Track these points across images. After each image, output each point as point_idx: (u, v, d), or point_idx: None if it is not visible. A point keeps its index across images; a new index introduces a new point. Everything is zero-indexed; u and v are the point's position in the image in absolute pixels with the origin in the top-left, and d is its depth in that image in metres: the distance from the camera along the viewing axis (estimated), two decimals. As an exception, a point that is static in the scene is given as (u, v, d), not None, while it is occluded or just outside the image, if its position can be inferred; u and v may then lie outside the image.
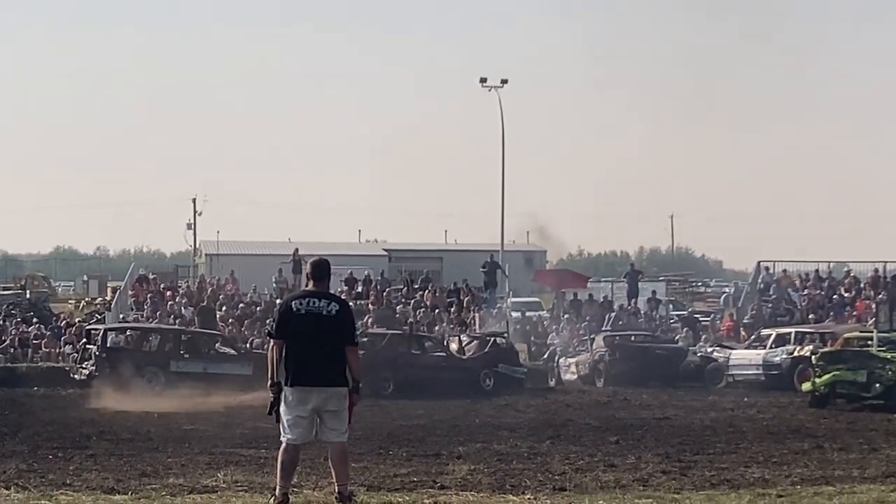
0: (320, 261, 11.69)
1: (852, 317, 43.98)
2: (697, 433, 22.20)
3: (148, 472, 15.51)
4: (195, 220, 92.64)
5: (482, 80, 59.70)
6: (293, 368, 11.20)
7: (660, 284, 59.74)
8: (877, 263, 49.15)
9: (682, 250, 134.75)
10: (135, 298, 48.15)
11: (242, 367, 33.49)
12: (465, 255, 69.94)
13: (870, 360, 29.19)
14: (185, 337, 36.43)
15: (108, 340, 34.95)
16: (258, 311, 45.26)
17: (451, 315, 46.67)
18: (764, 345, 37.33)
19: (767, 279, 49.81)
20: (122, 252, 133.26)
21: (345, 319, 11.38)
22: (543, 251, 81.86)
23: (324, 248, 61.20)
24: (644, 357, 38.95)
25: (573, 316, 46.44)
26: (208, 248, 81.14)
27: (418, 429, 23.00)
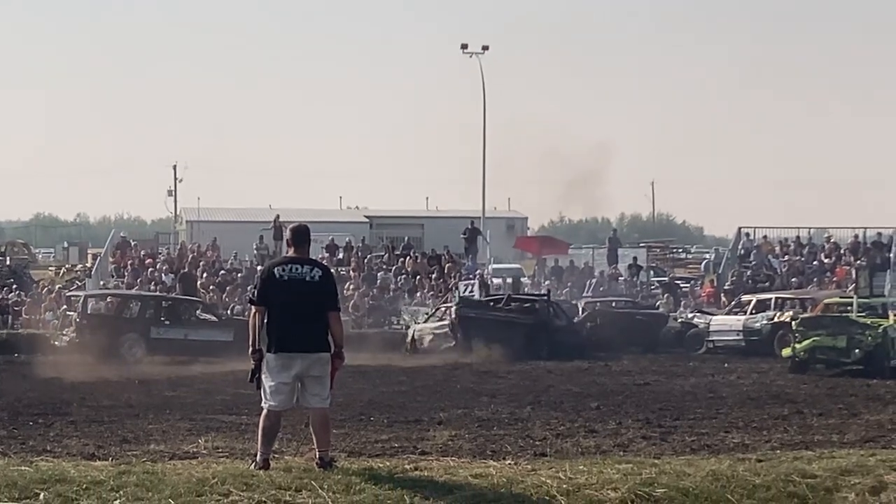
0: (300, 227, 11.65)
1: (832, 283, 44.12)
2: (678, 399, 22.26)
3: (129, 438, 15.51)
4: (175, 187, 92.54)
5: (463, 46, 59.71)
6: (276, 335, 11.16)
7: (641, 251, 59.82)
8: (857, 229, 49.27)
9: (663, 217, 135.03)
10: (115, 265, 48.08)
11: (223, 334, 33.45)
12: (447, 222, 69.90)
13: (850, 325, 29.29)
14: (165, 304, 36.38)
15: (88, 307, 34.91)
16: (239, 277, 45.25)
17: (432, 282, 46.69)
18: (744, 311, 37.44)
19: (748, 245, 49.95)
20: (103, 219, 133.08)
21: (327, 285, 11.35)
22: (525, 218, 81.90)
23: (305, 214, 61.10)
24: (625, 323, 39.02)
25: (554, 282, 46.52)
26: (189, 214, 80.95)
27: (399, 395, 23.03)
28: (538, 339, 34.82)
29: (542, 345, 34.54)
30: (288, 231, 11.72)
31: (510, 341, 34.39)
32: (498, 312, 36.42)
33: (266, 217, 56.58)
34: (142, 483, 10.00)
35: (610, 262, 50.37)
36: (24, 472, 10.35)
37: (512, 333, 34.72)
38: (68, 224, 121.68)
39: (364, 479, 10.35)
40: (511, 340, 34.44)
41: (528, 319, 35.80)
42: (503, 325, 35.20)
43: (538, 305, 37.16)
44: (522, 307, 37.06)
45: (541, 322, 35.67)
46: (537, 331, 35.14)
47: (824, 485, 10.54)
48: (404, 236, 58.61)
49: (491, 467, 11.11)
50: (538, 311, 36.54)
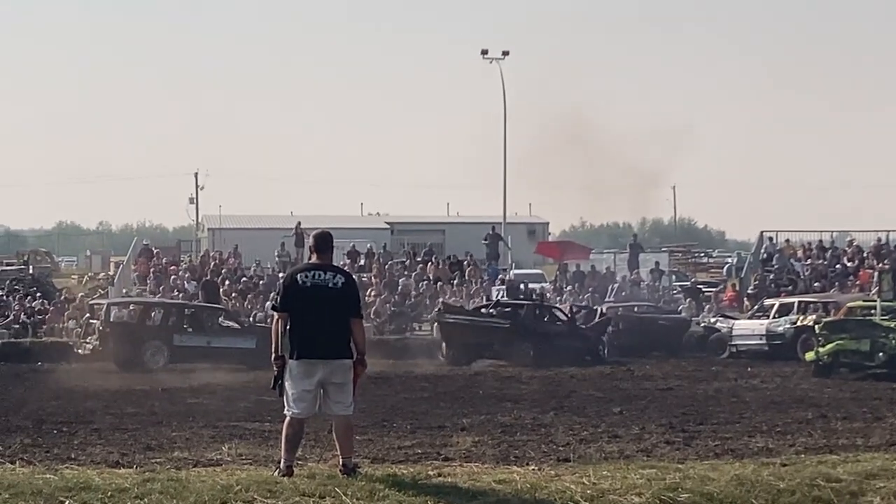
0: (323, 233, 11.66)
1: (855, 286, 43.95)
2: (701, 403, 22.22)
3: (152, 446, 15.54)
4: (197, 195, 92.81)
5: (483, 52, 59.62)
6: (298, 341, 11.16)
7: (662, 255, 59.71)
8: (880, 233, 49.14)
9: (685, 221, 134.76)
10: (137, 273, 48.19)
11: (246, 341, 33.52)
12: (468, 228, 69.85)
13: (873, 329, 29.20)
14: (188, 311, 36.44)
15: (111, 315, 34.97)
16: (261, 284, 45.29)
17: (454, 288, 46.68)
18: (767, 315, 37.33)
19: (770, 249, 49.82)
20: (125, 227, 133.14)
21: (350, 292, 11.36)
22: (546, 223, 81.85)
23: (326, 221, 61.12)
24: (647, 328, 38.98)
25: (576, 287, 46.48)
26: (211, 222, 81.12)
27: (422, 401, 23.02)
28: (520, 343, 34.57)
29: (525, 350, 34.38)
30: (311, 237, 11.73)
31: (488, 346, 34.47)
32: (476, 317, 36.37)
33: (287, 224, 56.62)
34: (166, 490, 10.03)
35: (631, 267, 50.29)
36: (49, 481, 10.38)
37: (491, 338, 34.78)
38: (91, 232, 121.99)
39: (387, 485, 10.35)
40: (489, 345, 34.54)
41: (506, 324, 35.58)
42: (481, 331, 35.16)
43: (523, 310, 37.03)
44: (504, 312, 36.98)
45: (523, 327, 35.44)
46: (518, 335, 34.83)
47: (849, 489, 10.51)
48: (426, 242, 58.64)
49: (514, 473, 11.10)
50: (520, 316, 36.38)
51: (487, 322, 35.77)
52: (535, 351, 34.09)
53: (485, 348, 34.82)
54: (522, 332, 34.97)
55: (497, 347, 34.64)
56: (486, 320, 36.00)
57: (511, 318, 36.07)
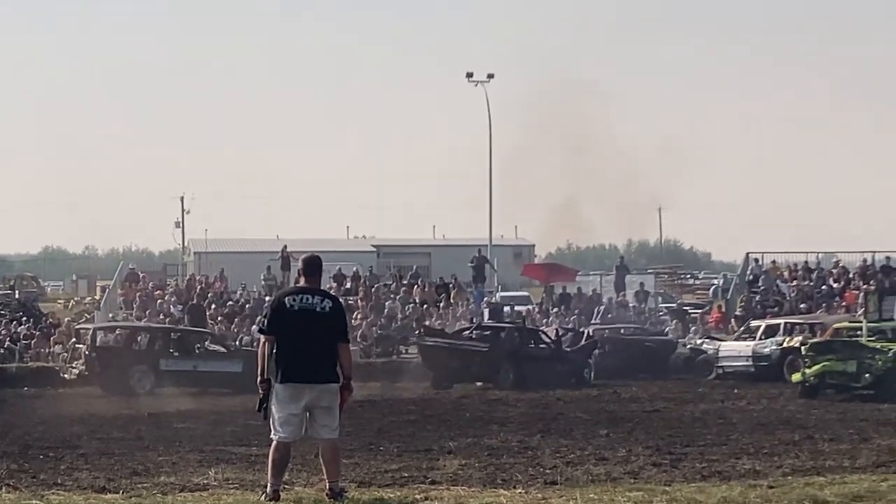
0: (312, 257, 11.71)
1: (841, 307, 44.03)
2: (688, 425, 22.21)
3: (139, 470, 15.49)
4: (183, 219, 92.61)
5: (468, 74, 59.76)
6: (285, 365, 11.17)
7: (648, 277, 59.78)
8: (865, 253, 49.23)
9: (671, 243, 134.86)
10: (124, 297, 48.11)
11: (232, 365, 33.47)
12: (454, 250, 69.86)
13: (859, 350, 29.23)
14: (174, 335, 36.39)
15: (97, 340, 34.91)
16: (247, 308, 45.23)
17: (440, 310, 46.68)
18: (753, 336, 37.37)
19: (756, 270, 49.91)
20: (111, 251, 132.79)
21: (337, 316, 11.39)
22: (532, 245, 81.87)
23: (312, 244, 61.14)
24: (634, 349, 39.02)
25: (562, 310, 46.50)
26: (197, 246, 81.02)
27: (408, 424, 22.99)
28: (498, 366, 34.46)
29: (504, 373, 34.29)
30: (300, 261, 11.79)
31: (466, 369, 34.44)
32: (455, 341, 36.33)
33: (274, 247, 56.57)
34: (153, 515, 10.00)
35: (618, 289, 50.37)
36: (35, 506, 10.35)
37: (469, 361, 34.69)
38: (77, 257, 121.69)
39: (375, 509, 10.34)
40: (467, 368, 34.52)
41: (485, 347, 35.51)
42: (460, 354, 35.05)
43: (503, 333, 37.03)
44: (483, 335, 36.96)
45: (503, 350, 35.38)
46: (497, 359, 34.74)
47: (837, 511, 10.52)
48: (412, 265, 58.64)
49: (501, 496, 11.10)
50: (501, 339, 36.37)
51: (466, 345, 35.68)
52: (514, 374, 34.04)
53: (464, 372, 34.76)
54: (502, 355, 34.91)
55: (475, 370, 34.59)
56: (464, 343, 35.90)
57: (491, 342, 36.03)
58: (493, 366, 34.44)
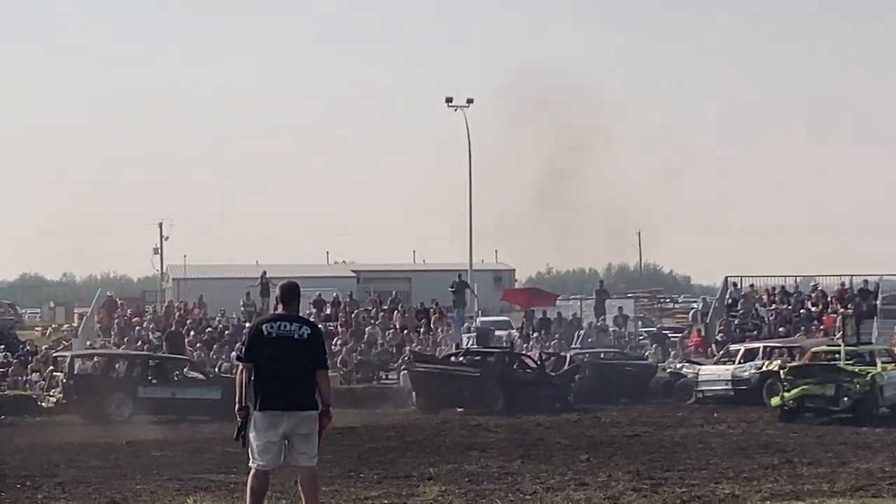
0: (290, 284, 11.71)
1: (820, 331, 44.18)
2: (668, 449, 22.22)
3: (117, 499, 15.42)
4: (162, 245, 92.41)
5: (448, 99, 59.71)
6: (263, 393, 11.15)
7: (628, 301, 59.82)
8: (843, 277, 49.42)
9: (650, 267, 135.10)
10: (102, 324, 47.94)
11: (211, 392, 33.39)
12: (434, 276, 69.83)
13: (838, 373, 29.29)
14: (152, 362, 36.27)
15: (75, 367, 34.75)
16: (226, 335, 45.13)
17: (420, 336, 46.65)
18: (732, 360, 37.43)
19: (735, 294, 50.02)
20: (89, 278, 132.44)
21: (316, 343, 11.39)
22: (512, 270, 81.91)
23: (292, 270, 60.98)
24: (614, 374, 39.02)
25: (542, 334, 46.51)
26: (175, 272, 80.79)
27: (389, 450, 22.93)
28: (490, 392, 34.47)
29: (495, 398, 34.29)
30: (278, 288, 11.78)
31: (458, 395, 34.39)
32: (446, 366, 36.30)
33: (253, 273, 56.47)
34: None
35: (598, 314, 50.45)
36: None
37: (461, 387, 34.63)
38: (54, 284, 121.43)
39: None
40: (459, 394, 34.45)
41: (476, 372, 35.49)
42: (451, 379, 34.97)
43: (492, 358, 37.10)
44: (473, 360, 36.96)
45: (493, 375, 35.38)
46: (488, 384, 34.72)
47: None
48: (392, 290, 58.58)
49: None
50: (490, 364, 36.42)
51: (457, 371, 35.64)
52: (504, 399, 34.06)
53: (455, 397, 34.70)
54: (493, 380, 34.91)
55: (467, 396, 34.55)
56: (456, 369, 35.89)
57: (481, 367, 36.05)
58: (484, 391, 34.43)
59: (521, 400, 33.86)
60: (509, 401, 33.88)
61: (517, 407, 33.06)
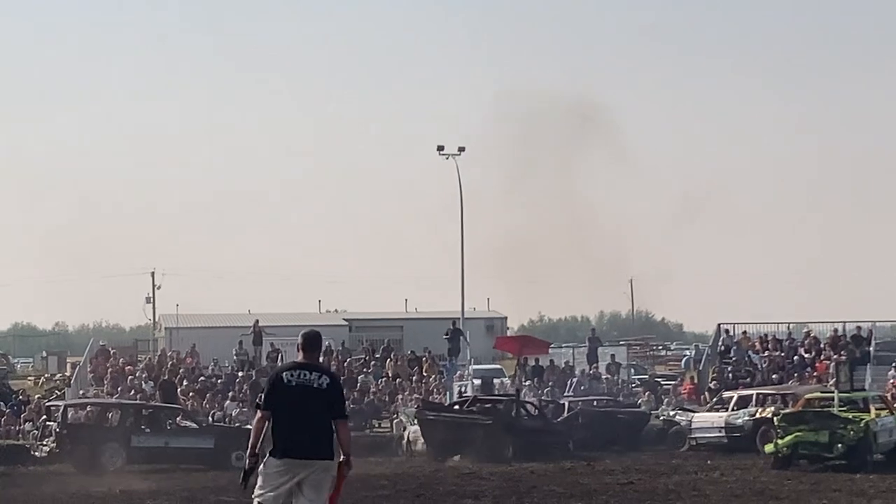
0: (312, 332, 11.80)
1: (813, 377, 44.19)
2: (661, 498, 22.21)
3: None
4: (154, 294, 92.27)
5: (439, 148, 59.87)
6: (282, 440, 11.25)
7: (621, 349, 59.82)
8: (836, 324, 49.46)
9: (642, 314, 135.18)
10: (94, 374, 47.88)
11: (204, 441, 33.38)
12: (426, 324, 69.74)
13: (831, 420, 29.31)
14: (145, 411, 36.22)
15: (68, 417, 34.74)
16: (219, 383, 45.08)
17: (413, 384, 46.63)
18: (726, 407, 37.44)
19: (728, 341, 50.03)
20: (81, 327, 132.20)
21: (335, 392, 11.46)
22: (504, 317, 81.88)
23: (284, 318, 61.01)
24: (607, 421, 39.00)
25: (535, 382, 46.49)
26: (168, 321, 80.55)
27: (382, 499, 22.92)
28: (500, 439, 34.44)
29: (505, 446, 34.27)
30: (300, 336, 11.81)
31: (470, 443, 34.35)
32: (457, 414, 36.30)
33: (245, 322, 56.37)
34: None
35: (590, 361, 50.43)
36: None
37: (472, 435, 34.59)
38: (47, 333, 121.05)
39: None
40: (471, 442, 34.40)
41: (488, 420, 35.51)
42: (462, 427, 34.97)
43: (501, 406, 37.12)
44: (484, 408, 36.97)
45: (503, 423, 35.39)
46: (499, 431, 34.74)
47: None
48: (384, 339, 58.54)
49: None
50: (500, 412, 36.45)
51: (468, 418, 35.69)
52: (514, 447, 34.11)
53: (465, 445, 34.61)
54: (503, 428, 34.96)
55: (478, 444, 34.47)
56: (466, 417, 35.91)
57: (491, 415, 36.08)
58: (495, 438, 34.43)
59: (527, 447, 33.94)
60: (518, 448, 33.96)
61: (525, 454, 33.12)
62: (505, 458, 33.27)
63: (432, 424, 35.70)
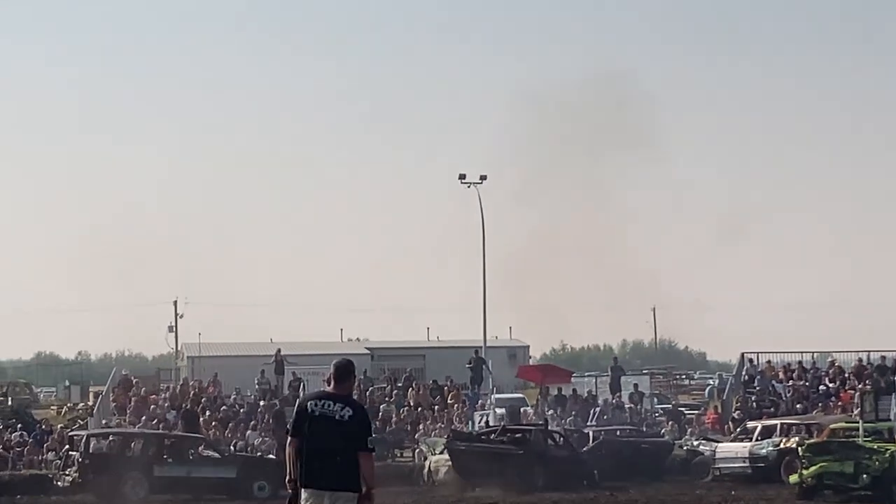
0: (343, 362, 11.77)
1: (837, 407, 43.97)
2: (686, 528, 22.08)
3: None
4: (176, 323, 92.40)
5: (461, 176, 59.82)
6: (305, 469, 11.27)
7: (644, 378, 59.60)
8: (861, 353, 49.24)
9: (666, 343, 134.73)
10: (117, 403, 47.91)
11: (226, 471, 33.36)
12: (448, 352, 69.62)
13: (856, 450, 29.17)
14: (168, 441, 36.24)
15: (90, 446, 34.76)
16: (241, 413, 45.06)
17: (435, 413, 46.53)
18: (750, 437, 37.27)
19: (752, 371, 49.80)
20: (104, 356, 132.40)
21: (358, 424, 11.40)
22: (526, 346, 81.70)
23: (306, 347, 60.90)
24: (630, 451, 38.83)
25: (558, 412, 46.34)
26: (190, 350, 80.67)
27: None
28: (531, 469, 34.44)
29: (536, 475, 34.19)
30: (331, 366, 11.75)
31: (501, 473, 34.22)
32: (488, 444, 36.21)
33: (267, 351, 56.38)
34: None
35: (613, 390, 50.24)
36: None
37: (503, 465, 34.46)
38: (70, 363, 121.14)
39: None
40: (502, 472, 34.26)
41: (519, 450, 35.44)
42: (493, 457, 34.85)
43: (531, 436, 37.02)
44: (514, 438, 36.88)
45: (534, 452, 35.33)
46: (530, 461, 34.73)
47: None
48: (406, 367, 58.48)
49: None
50: (530, 442, 36.36)
51: (499, 448, 35.67)
52: (544, 476, 34.05)
53: (495, 475, 34.46)
54: (534, 457, 34.95)
55: (509, 474, 34.34)
56: (498, 446, 35.89)
57: (522, 444, 36.00)
58: (526, 468, 34.40)
59: (556, 477, 33.89)
60: (548, 477, 33.90)
61: (553, 484, 33.06)
62: (535, 487, 33.20)
63: (463, 454, 35.61)
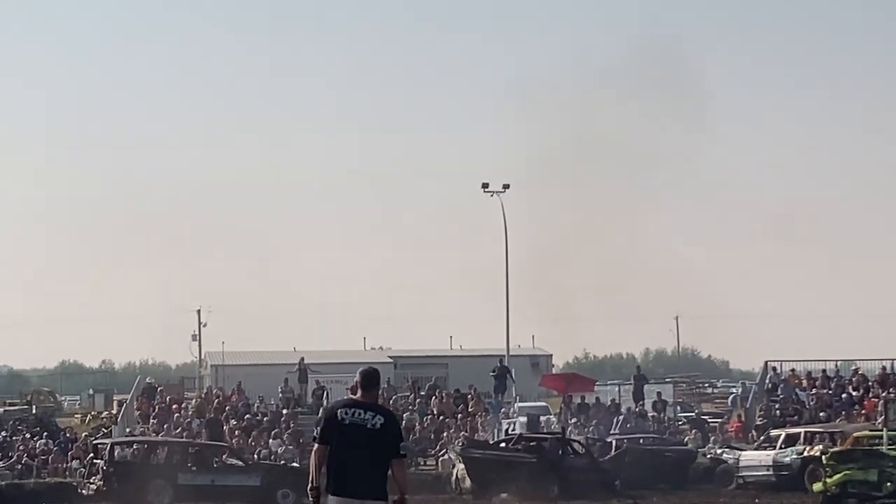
0: (370, 370, 11.76)
1: (861, 415, 43.82)
2: (710, 536, 22.07)
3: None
4: (200, 332, 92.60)
5: (484, 185, 59.81)
6: (335, 477, 11.27)
7: (667, 386, 59.49)
8: (884, 361, 49.07)
9: (688, 351, 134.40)
10: (140, 411, 48.07)
11: (250, 479, 33.43)
12: (471, 361, 69.66)
13: (880, 458, 29.11)
14: (192, 449, 36.34)
15: (115, 454, 34.91)
16: (265, 421, 45.15)
17: (458, 422, 46.55)
18: (773, 445, 37.20)
19: (775, 379, 49.71)
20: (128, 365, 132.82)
21: (390, 432, 11.41)
22: (549, 355, 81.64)
23: (329, 356, 61.03)
24: (653, 459, 38.80)
25: (581, 420, 46.31)
26: (214, 359, 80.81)
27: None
28: (546, 477, 34.33)
29: (550, 484, 34.14)
30: (357, 374, 11.75)
31: (515, 481, 34.22)
32: (503, 452, 36.18)
33: (291, 360, 56.46)
34: None
35: (636, 399, 50.14)
36: None
37: (517, 473, 34.43)
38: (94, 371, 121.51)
39: None
40: (515, 480, 34.27)
41: (532, 458, 35.39)
42: (507, 465, 34.85)
43: (547, 444, 36.99)
44: (529, 446, 36.87)
45: (548, 461, 35.27)
46: (544, 469, 34.63)
47: None
48: (429, 376, 58.52)
49: None
50: (545, 450, 36.32)
51: (513, 457, 35.64)
52: (560, 485, 34.01)
53: (510, 483, 34.47)
54: (548, 466, 34.90)
55: (523, 482, 34.34)
56: (512, 455, 35.86)
57: (536, 453, 35.98)
58: (540, 477, 34.33)
59: (573, 486, 33.83)
60: (563, 486, 33.83)
61: (571, 492, 33.00)
62: (550, 496, 33.15)
63: (477, 462, 35.62)
